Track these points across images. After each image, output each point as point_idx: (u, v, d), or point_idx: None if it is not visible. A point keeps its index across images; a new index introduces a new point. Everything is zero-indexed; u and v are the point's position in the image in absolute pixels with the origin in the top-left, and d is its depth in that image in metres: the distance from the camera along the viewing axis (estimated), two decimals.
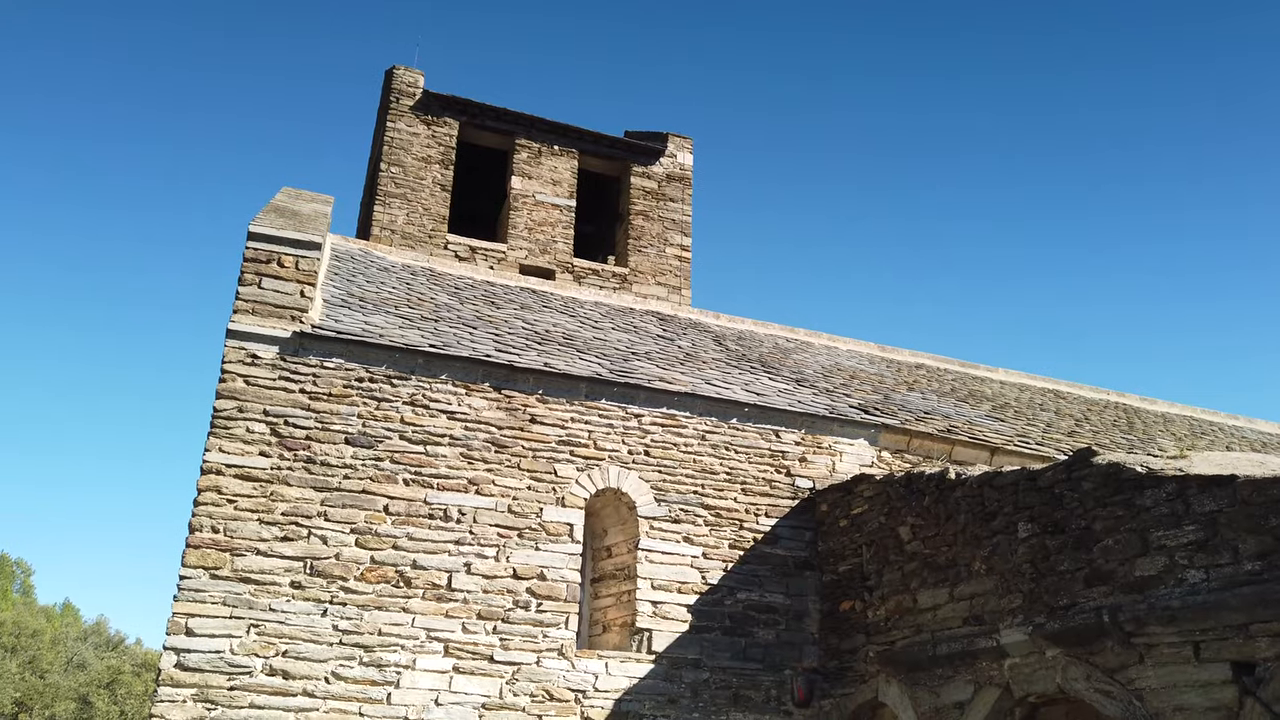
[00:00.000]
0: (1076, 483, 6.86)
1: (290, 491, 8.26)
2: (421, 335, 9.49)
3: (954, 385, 13.13)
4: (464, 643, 8.27)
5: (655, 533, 9.23)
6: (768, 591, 9.36)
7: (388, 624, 8.12)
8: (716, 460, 9.70)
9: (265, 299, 8.85)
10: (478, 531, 8.66)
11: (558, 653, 8.51)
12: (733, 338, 12.93)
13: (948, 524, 8.00)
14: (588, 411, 9.44)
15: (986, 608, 7.37)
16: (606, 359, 10.31)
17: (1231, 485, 5.82)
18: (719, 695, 8.85)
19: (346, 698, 7.82)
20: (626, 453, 9.43)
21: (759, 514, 9.63)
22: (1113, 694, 6.21)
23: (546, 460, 9.12)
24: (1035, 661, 6.83)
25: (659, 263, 15.61)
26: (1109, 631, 6.22)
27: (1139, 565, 6.26)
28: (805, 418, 10.16)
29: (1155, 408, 14.50)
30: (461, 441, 8.92)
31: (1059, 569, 6.82)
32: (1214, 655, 5.69)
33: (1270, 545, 5.52)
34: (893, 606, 8.44)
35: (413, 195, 14.71)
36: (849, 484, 9.50)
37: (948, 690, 7.57)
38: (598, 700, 8.48)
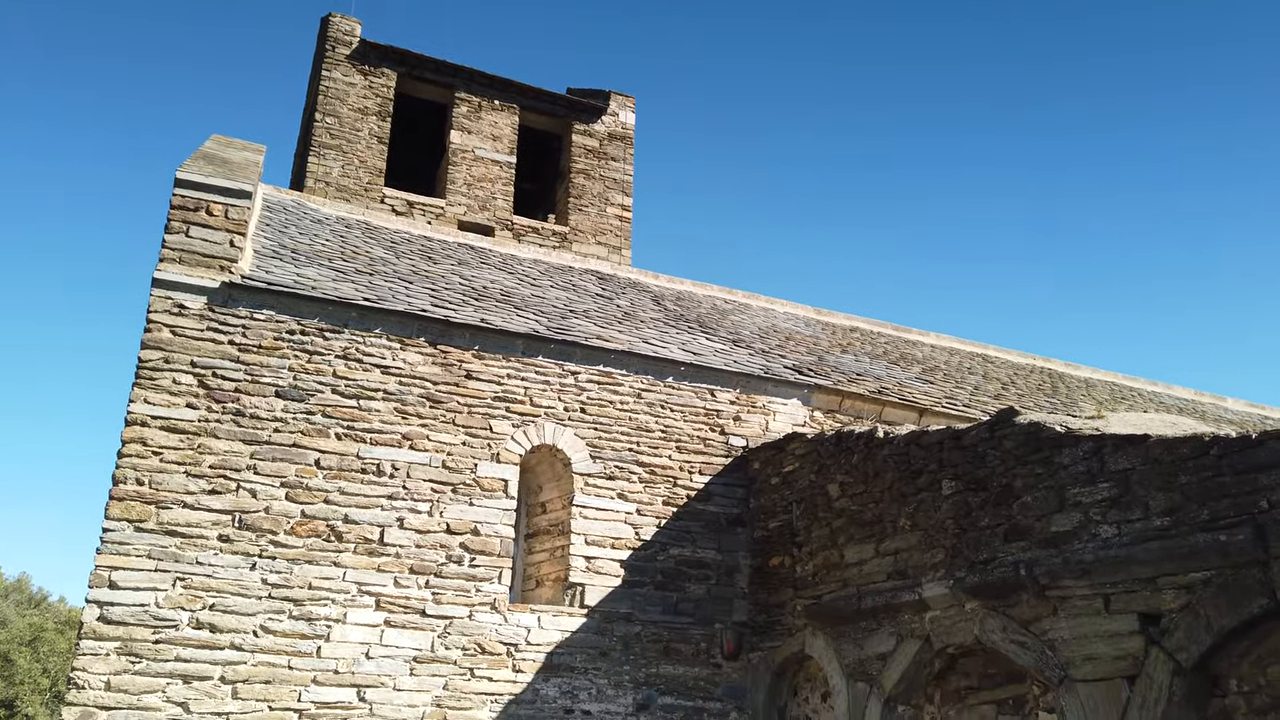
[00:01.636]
0: (998, 441, 7.07)
1: (218, 444, 8.10)
2: (356, 288, 9.33)
3: (886, 348, 13.38)
4: (396, 597, 8.25)
5: (590, 489, 9.28)
6: (700, 547, 9.50)
7: (318, 578, 8.05)
8: (652, 418, 9.77)
9: (193, 248, 8.60)
10: (411, 486, 8.61)
11: (490, 607, 8.54)
12: (671, 298, 12.97)
13: (875, 481, 8.19)
14: (524, 368, 9.41)
15: (910, 562, 7.59)
16: (544, 316, 10.27)
17: (1144, 444, 6.05)
18: (650, 648, 8.98)
19: (275, 651, 7.76)
20: (563, 410, 9.43)
21: (693, 471, 9.74)
22: (1027, 645, 6.46)
23: (482, 416, 9.08)
24: (955, 614, 7.06)
25: (599, 222, 15.53)
26: (1025, 585, 6.46)
27: (1055, 521, 6.49)
28: (740, 377, 10.27)
29: (1079, 373, 14.97)
30: (396, 396, 8.82)
31: (980, 525, 7.04)
32: (1123, 607, 5.95)
33: (1179, 502, 5.76)
34: (820, 562, 8.64)
35: (348, 147, 14.37)
36: (781, 442, 9.66)
37: (871, 642, 7.80)
38: (530, 653, 8.55)
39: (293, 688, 7.72)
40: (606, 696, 8.69)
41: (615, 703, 8.70)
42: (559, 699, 8.52)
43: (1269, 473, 5.32)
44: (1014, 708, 6.85)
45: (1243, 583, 5.30)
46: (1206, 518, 5.56)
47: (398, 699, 7.99)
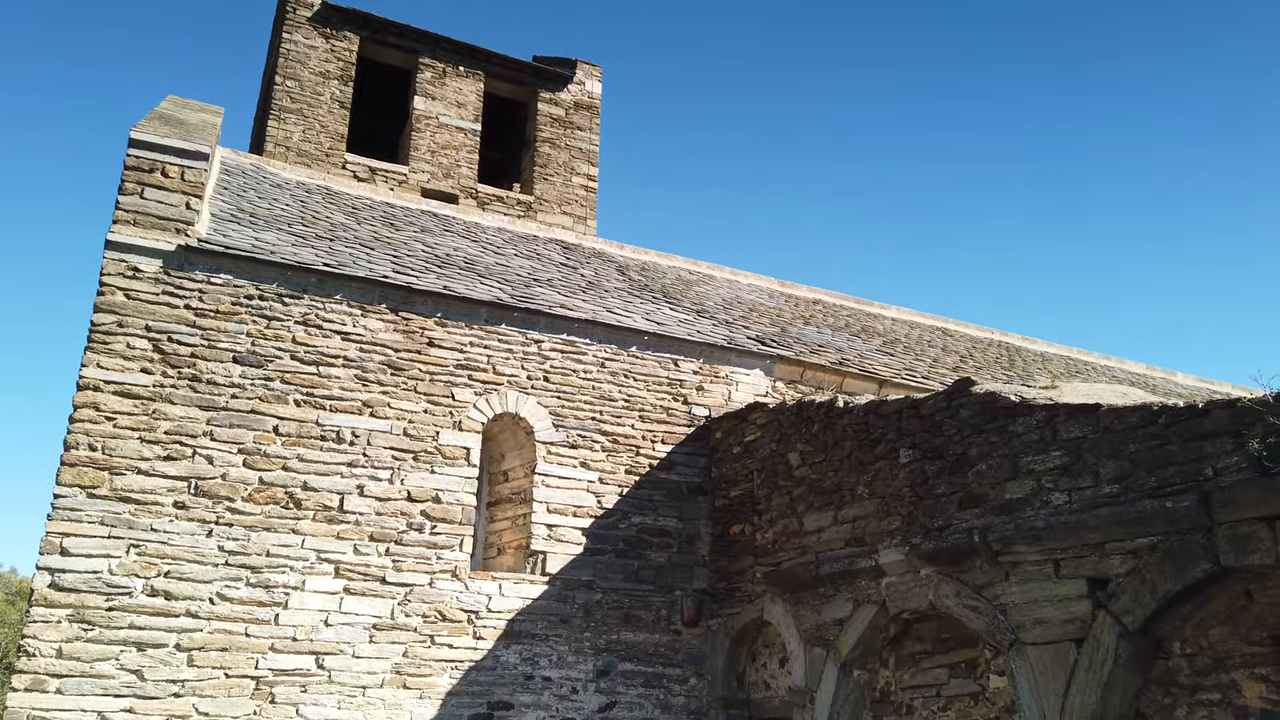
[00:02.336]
0: (955, 411, 7.16)
1: (174, 410, 7.98)
2: (316, 254, 9.20)
3: (848, 321, 13.48)
4: (355, 564, 8.22)
5: (553, 458, 9.28)
6: (661, 516, 9.56)
7: (276, 545, 7.99)
8: (615, 387, 9.77)
9: (148, 210, 8.43)
10: (371, 454, 8.55)
11: (451, 574, 8.54)
12: (636, 268, 12.94)
13: (835, 450, 8.27)
14: (487, 336, 9.36)
15: (868, 529, 7.69)
16: (508, 284, 10.21)
17: (1096, 413, 6.16)
18: (611, 615, 9.04)
19: (232, 618, 7.71)
20: (525, 378, 9.40)
21: (656, 441, 9.78)
22: (979, 609, 6.59)
23: (444, 384, 9.03)
24: (910, 580, 7.17)
25: (565, 192, 15.43)
26: (978, 551, 6.57)
27: (1009, 488, 6.60)
28: (704, 347, 10.30)
29: (1035, 347, 15.19)
30: (356, 363, 8.74)
31: (936, 492, 7.15)
32: (1072, 572, 6.08)
33: (1128, 469, 5.88)
34: (780, 529, 8.73)
35: (309, 111, 14.11)
36: (743, 412, 9.71)
37: (829, 608, 7.91)
38: (491, 620, 8.57)
39: (250, 655, 7.68)
40: (567, 663, 8.75)
41: (576, 669, 8.76)
42: (519, 665, 8.56)
43: (1214, 441, 5.44)
44: (966, 671, 6.99)
45: (1187, 548, 5.43)
46: (1154, 485, 5.69)
47: (357, 666, 7.98)
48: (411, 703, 8.07)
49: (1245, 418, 5.29)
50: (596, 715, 8.71)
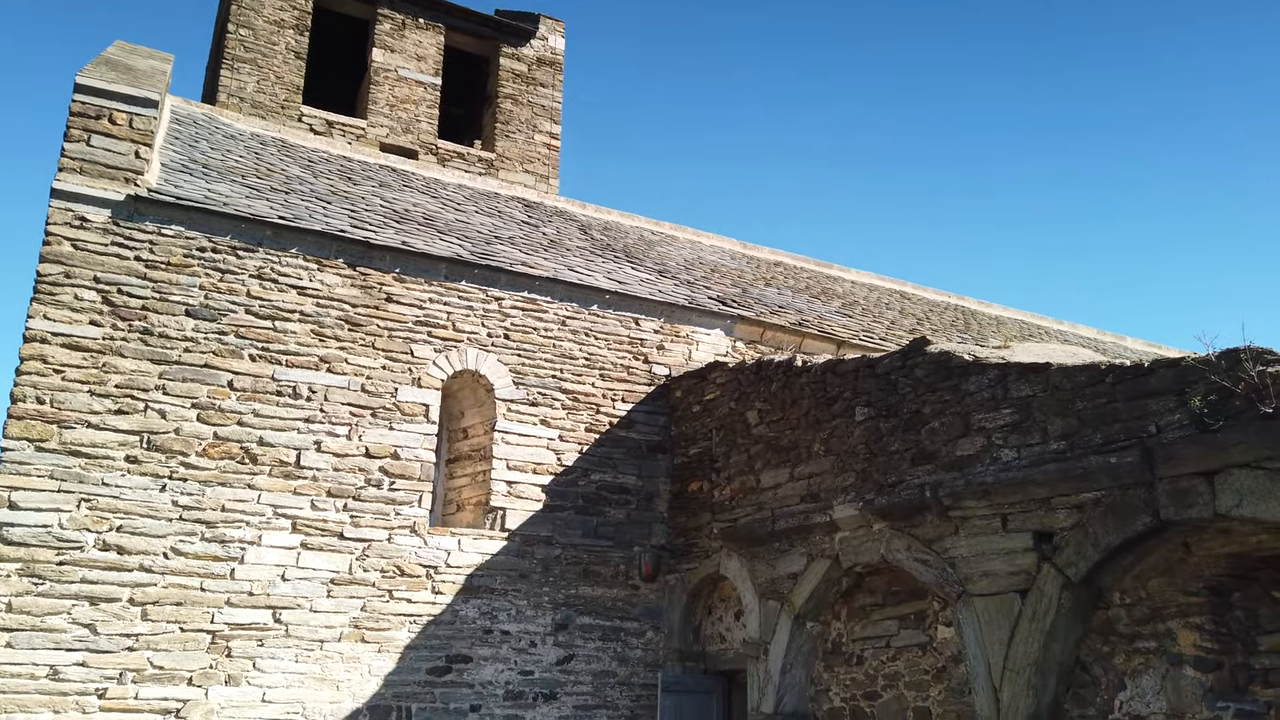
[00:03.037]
0: (910, 370, 7.27)
1: (124, 363, 7.85)
2: (270, 206, 9.04)
3: (808, 283, 13.56)
4: (313, 519, 8.19)
5: (513, 415, 9.28)
6: (621, 473, 9.62)
7: (232, 500, 7.94)
8: (576, 346, 9.77)
9: (95, 158, 8.21)
10: (329, 410, 8.49)
11: (410, 530, 8.54)
12: (598, 228, 12.89)
13: (792, 409, 8.36)
14: (447, 293, 9.29)
15: (823, 486, 7.81)
16: (468, 241, 10.12)
17: (1046, 372, 6.28)
18: (569, 570, 9.12)
19: (187, 573, 7.66)
20: (486, 335, 9.37)
21: (616, 399, 9.81)
22: (929, 562, 6.74)
23: (403, 340, 8.97)
24: (863, 535, 7.31)
25: (527, 149, 15.26)
26: (929, 506, 6.71)
27: (960, 445, 6.73)
28: (665, 307, 10.31)
29: (991, 311, 15.41)
30: (313, 318, 8.64)
31: (890, 449, 7.27)
32: (1019, 526, 6.23)
33: (1075, 426, 6.02)
34: (737, 486, 8.83)
35: (263, 61, 13.77)
36: (703, 371, 9.77)
37: (783, 562, 8.05)
38: (449, 575, 8.60)
39: (205, 609, 7.65)
40: (526, 617, 8.82)
41: (534, 623, 8.85)
42: (478, 619, 8.62)
43: (1158, 399, 5.58)
44: (915, 622, 7.17)
45: (1129, 502, 5.59)
46: (1099, 441, 5.83)
47: (314, 620, 7.98)
48: (370, 656, 8.10)
49: (1189, 376, 5.43)
50: (555, 667, 8.81)
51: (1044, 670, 5.92)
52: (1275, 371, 5.04)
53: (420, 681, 8.26)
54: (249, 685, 7.66)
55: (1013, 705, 5.98)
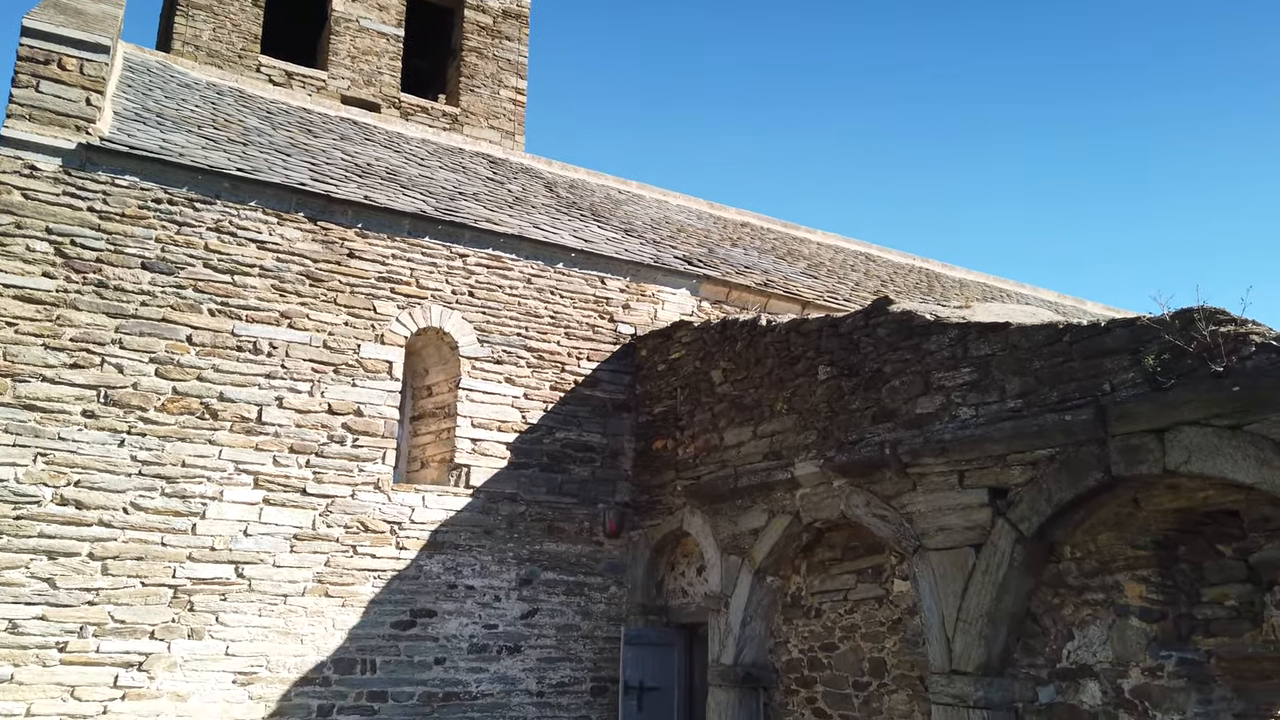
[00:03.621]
0: (873, 329, 7.34)
1: (80, 316, 7.70)
2: (229, 158, 8.86)
3: (775, 244, 13.60)
4: (275, 475, 8.14)
5: (477, 373, 9.26)
6: (586, 431, 9.66)
7: (192, 456, 7.87)
8: (541, 304, 9.74)
9: (44, 104, 7.98)
10: (290, 366, 8.41)
11: (374, 486, 8.53)
12: (564, 185, 12.79)
13: (757, 368, 8.42)
14: (410, 249, 9.20)
15: (785, 444, 7.91)
16: (432, 197, 10.00)
17: (1005, 332, 6.38)
18: (534, 527, 9.18)
19: (148, 528, 7.60)
20: (450, 292, 9.30)
21: (581, 357, 9.81)
22: (887, 518, 6.87)
23: (365, 296, 8.88)
24: (824, 491, 7.43)
25: (492, 104, 15.06)
26: (889, 463, 6.82)
27: (920, 404, 6.84)
28: (631, 265, 10.30)
29: (954, 273, 15.58)
30: (273, 273, 8.52)
31: (851, 408, 7.37)
32: (975, 482, 6.36)
33: (1031, 385, 6.13)
34: (701, 444, 8.91)
35: (220, 9, 13.41)
36: (669, 330, 9.80)
37: (745, 519, 8.16)
38: (414, 531, 8.62)
39: (167, 564, 7.61)
40: (490, 572, 8.88)
41: (499, 578, 8.91)
42: (442, 574, 8.66)
43: (1113, 358, 5.70)
44: (872, 576, 7.32)
45: (1082, 459, 5.72)
46: (1055, 399, 5.95)
47: (278, 575, 7.97)
48: (334, 610, 8.12)
49: (1143, 336, 5.55)
50: (519, 621, 8.89)
51: (995, 621, 6.08)
52: (1227, 331, 5.16)
53: (385, 635, 8.30)
54: (212, 639, 7.66)
55: (964, 655, 6.15)
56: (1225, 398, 5.03)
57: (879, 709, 7.02)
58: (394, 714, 8.20)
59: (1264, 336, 5.04)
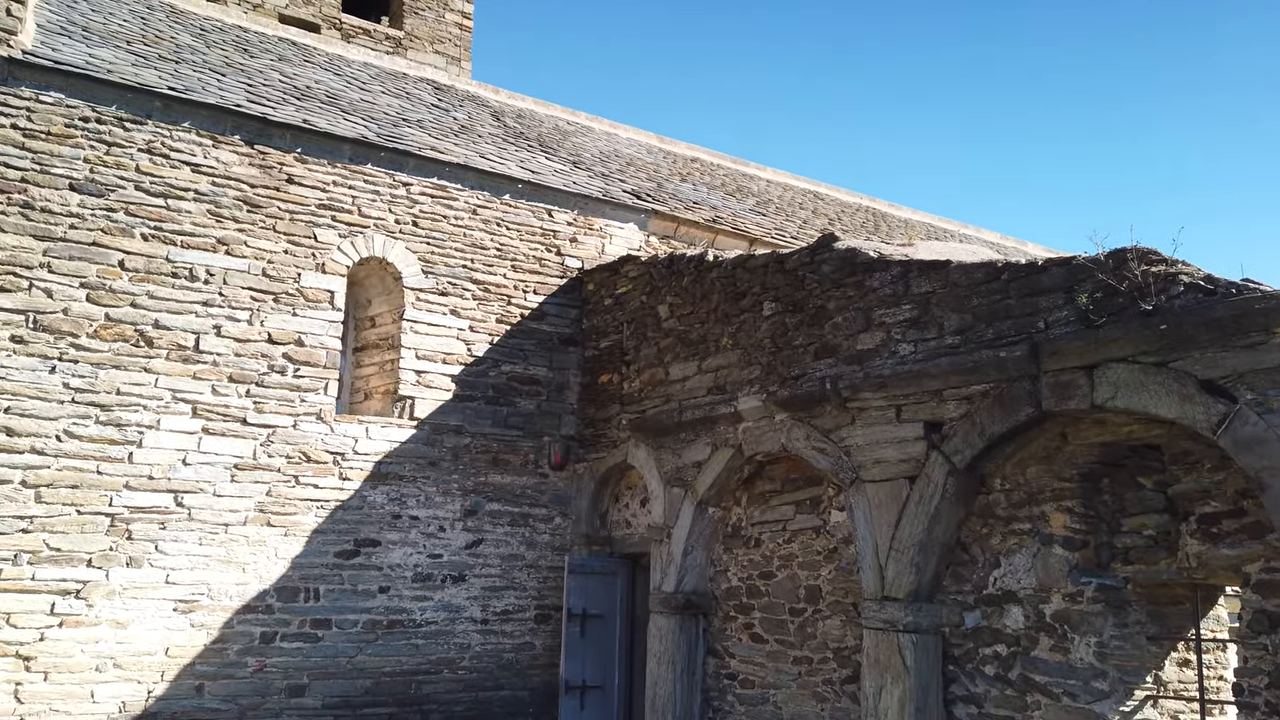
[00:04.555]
0: (818, 266, 7.41)
1: (5, 239, 7.43)
2: (160, 76, 8.51)
3: (724, 180, 13.56)
4: (214, 405, 8.02)
5: (421, 304, 9.16)
6: (532, 365, 9.65)
7: (127, 384, 7.70)
8: (487, 235, 9.62)
9: None
10: (228, 293, 8.23)
11: (316, 417, 8.46)
12: (512, 115, 12.55)
13: (703, 303, 8.47)
14: (352, 176, 8.99)
15: (729, 379, 8.00)
16: (374, 123, 9.75)
17: (945, 269, 6.49)
18: (479, 459, 9.20)
19: (82, 456, 7.46)
20: (393, 222, 9.14)
21: (528, 290, 9.76)
22: (826, 451, 7.03)
23: (305, 224, 8.68)
24: (766, 425, 7.55)
25: (438, 29, 14.63)
26: (829, 397, 6.95)
27: (861, 340, 6.95)
28: (579, 198, 10.20)
29: (900, 213, 15.72)
30: (209, 197, 8.28)
31: (794, 343, 7.46)
32: (912, 416, 6.52)
33: (969, 322, 6.26)
34: (647, 379, 8.97)
35: None
36: (616, 264, 9.77)
37: (689, 452, 8.27)
38: (357, 462, 8.59)
39: (103, 493, 7.50)
40: (435, 503, 8.91)
41: (443, 509, 8.94)
42: (387, 505, 8.67)
43: (1048, 296, 5.84)
44: (810, 507, 7.50)
45: (1014, 394, 5.88)
46: (991, 336, 6.09)
47: (218, 504, 7.91)
48: (276, 539, 8.10)
49: (1078, 275, 5.68)
50: (464, 551, 8.97)
51: (926, 550, 6.30)
52: (1158, 271, 5.31)
53: (328, 564, 8.32)
54: (151, 567, 7.60)
55: (896, 582, 6.37)
56: (1153, 335, 5.19)
57: (813, 633, 7.26)
58: (338, 641, 8.26)
59: (1192, 277, 5.20)
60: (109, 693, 7.38)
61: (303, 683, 8.09)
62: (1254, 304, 4.82)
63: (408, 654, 8.57)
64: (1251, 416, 4.78)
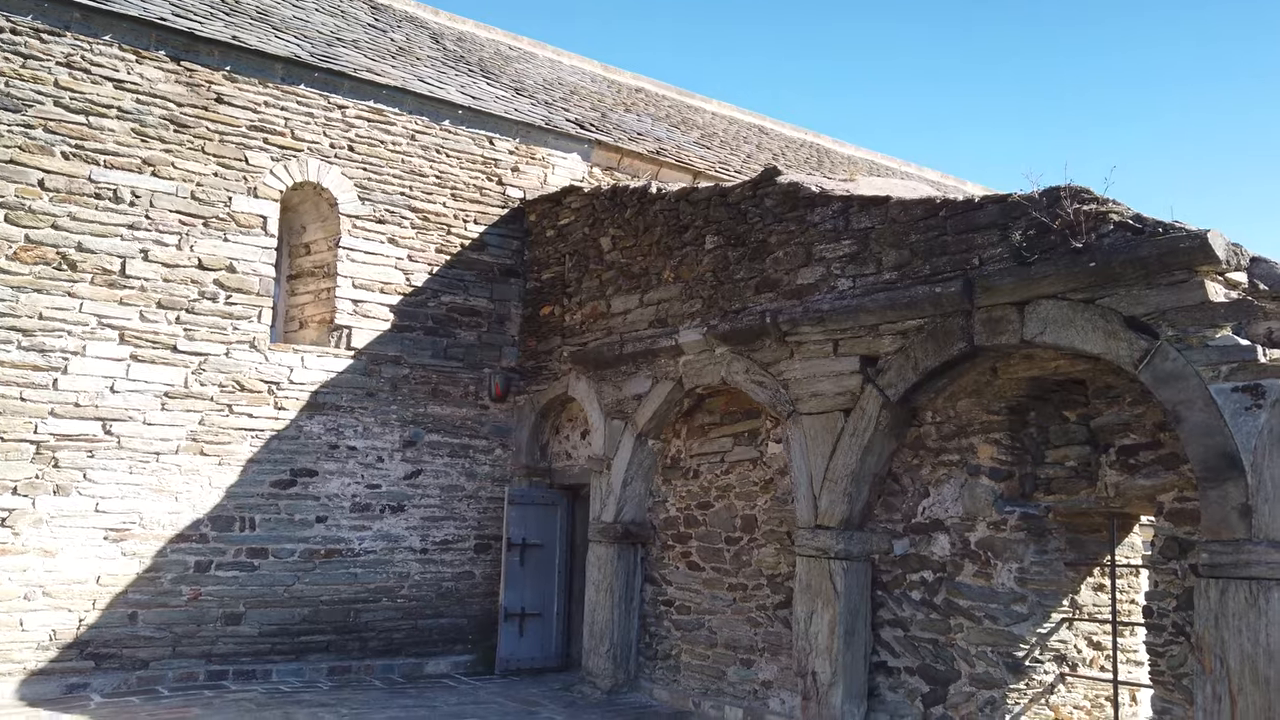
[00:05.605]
0: (760, 200, 7.41)
1: None
2: None
3: (669, 111, 13.41)
4: (143, 331, 7.81)
5: (358, 232, 8.96)
6: (472, 296, 9.55)
7: (50, 308, 7.44)
8: (426, 162, 9.41)
9: None
10: (155, 216, 7.95)
11: (249, 345, 8.29)
12: (452, 38, 12.19)
13: (645, 236, 8.43)
14: (284, 97, 8.68)
15: (671, 312, 8.02)
16: (307, 41, 9.39)
17: (885, 205, 6.54)
18: (418, 390, 9.13)
19: (4, 382, 7.23)
20: (328, 146, 8.87)
21: (468, 220, 9.60)
22: (765, 384, 7.12)
23: (236, 146, 8.39)
24: (706, 358, 7.62)
25: None
26: (769, 331, 7.02)
27: (801, 274, 7.01)
28: (521, 127, 10.01)
29: (844, 150, 15.75)
30: (133, 115, 7.93)
31: (736, 278, 7.49)
32: (849, 350, 6.63)
33: (907, 258, 6.35)
34: (589, 311, 8.95)
35: None
36: (558, 195, 9.66)
37: (630, 384, 8.32)
38: (293, 392, 8.46)
39: (28, 419, 7.29)
40: (373, 434, 8.85)
41: (382, 439, 8.89)
42: (324, 435, 8.58)
43: (984, 233, 5.93)
44: (748, 439, 7.63)
45: (948, 329, 6.01)
46: (928, 272, 6.19)
47: (149, 433, 7.75)
48: (210, 468, 7.99)
49: (1013, 212, 5.77)
50: (402, 481, 8.95)
51: (859, 481, 6.47)
52: (1090, 209, 5.42)
53: (264, 494, 8.24)
54: (80, 495, 7.45)
55: (829, 511, 6.54)
56: (1082, 273, 5.32)
57: (748, 561, 7.45)
58: (275, 570, 8.23)
59: (1121, 215, 5.32)
60: (39, 621, 7.28)
61: (239, 611, 8.06)
62: (1178, 243, 4.96)
63: (346, 583, 8.58)
64: (1171, 352, 4.96)
